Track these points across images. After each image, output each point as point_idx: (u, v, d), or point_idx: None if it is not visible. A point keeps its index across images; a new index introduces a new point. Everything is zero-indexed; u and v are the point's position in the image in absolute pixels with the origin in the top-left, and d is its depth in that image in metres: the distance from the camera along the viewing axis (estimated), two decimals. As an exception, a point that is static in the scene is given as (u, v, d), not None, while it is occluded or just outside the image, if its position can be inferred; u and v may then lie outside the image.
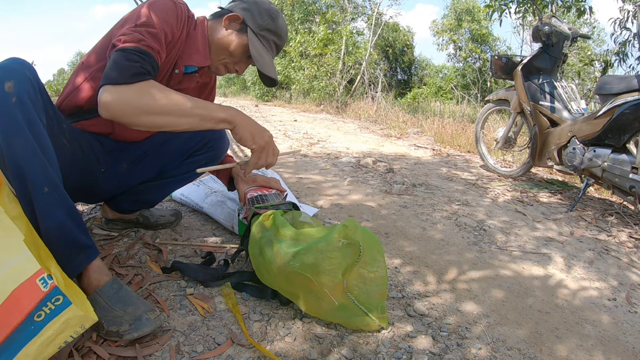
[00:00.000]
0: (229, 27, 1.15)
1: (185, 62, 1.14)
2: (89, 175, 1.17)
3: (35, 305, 0.69)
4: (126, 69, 0.92)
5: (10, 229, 0.72)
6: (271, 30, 1.17)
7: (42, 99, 0.88)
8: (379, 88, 8.45)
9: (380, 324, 0.98)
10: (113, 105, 0.91)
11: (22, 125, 0.81)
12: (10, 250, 0.71)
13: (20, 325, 0.68)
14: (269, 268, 1.00)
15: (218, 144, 1.39)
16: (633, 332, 1.13)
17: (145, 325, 0.86)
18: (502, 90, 2.88)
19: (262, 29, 1.15)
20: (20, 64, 0.85)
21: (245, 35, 1.14)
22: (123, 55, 0.93)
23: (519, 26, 8.23)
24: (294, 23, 11.82)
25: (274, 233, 1.03)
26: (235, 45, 1.15)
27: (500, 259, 1.51)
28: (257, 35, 1.15)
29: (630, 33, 5.09)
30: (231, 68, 1.20)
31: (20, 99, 0.81)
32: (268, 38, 1.17)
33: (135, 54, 0.94)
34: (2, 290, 0.68)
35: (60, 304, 0.71)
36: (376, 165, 2.96)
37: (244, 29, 1.14)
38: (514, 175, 2.79)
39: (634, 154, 1.91)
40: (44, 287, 0.70)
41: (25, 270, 0.70)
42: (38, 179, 0.82)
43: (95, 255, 0.93)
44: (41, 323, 0.70)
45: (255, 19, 1.14)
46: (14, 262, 0.70)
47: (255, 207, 1.20)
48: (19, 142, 0.80)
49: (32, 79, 0.85)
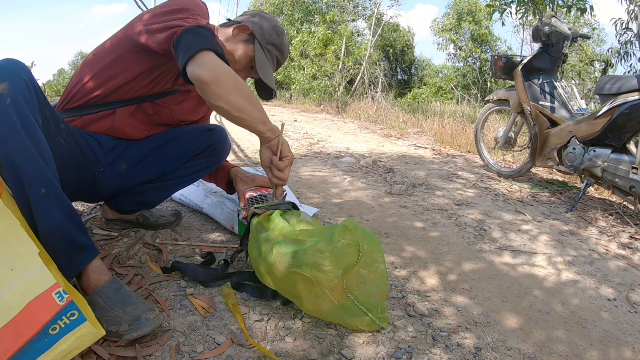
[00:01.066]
0: (237, 35, 1.21)
1: None
2: (88, 175, 1.17)
3: (51, 318, 0.71)
4: (206, 39, 0.97)
5: (26, 242, 0.75)
6: (276, 45, 1.24)
7: (38, 99, 0.88)
8: (379, 88, 8.45)
9: (380, 324, 0.98)
10: (210, 66, 0.94)
11: (18, 126, 0.81)
12: (27, 263, 0.73)
13: (35, 337, 0.69)
14: (269, 269, 1.00)
15: (220, 147, 1.39)
16: (633, 332, 1.13)
17: (144, 325, 0.86)
18: (502, 90, 2.88)
19: (268, 42, 1.22)
20: (15, 65, 0.84)
21: (251, 46, 1.21)
22: (192, 34, 0.97)
23: (519, 26, 8.23)
24: (294, 23, 11.82)
25: (273, 233, 1.03)
26: (240, 54, 1.21)
27: (500, 259, 1.51)
28: (263, 47, 1.22)
29: (633, 33, 5.10)
30: None
31: (14, 100, 0.81)
32: (272, 52, 1.24)
33: (202, 29, 0.99)
34: (18, 301, 0.69)
35: (75, 319, 0.73)
36: (376, 165, 2.96)
37: (252, 40, 1.21)
38: (514, 175, 2.79)
39: (634, 154, 1.91)
40: (59, 301, 0.72)
41: (42, 283, 0.72)
42: (35, 179, 0.82)
43: (95, 255, 0.93)
44: (55, 336, 0.71)
45: (263, 33, 1.22)
46: (30, 275, 0.72)
47: (255, 207, 1.20)
48: (15, 143, 0.80)
49: (27, 79, 0.85)
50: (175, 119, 1.30)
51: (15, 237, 0.74)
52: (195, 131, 1.34)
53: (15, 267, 0.71)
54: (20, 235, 0.75)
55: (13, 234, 0.74)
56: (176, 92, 1.24)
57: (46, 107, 0.94)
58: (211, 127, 1.39)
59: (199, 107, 1.37)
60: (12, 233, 0.74)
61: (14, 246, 0.74)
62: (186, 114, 1.33)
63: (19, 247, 0.74)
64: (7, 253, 0.72)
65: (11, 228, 0.75)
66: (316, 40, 10.23)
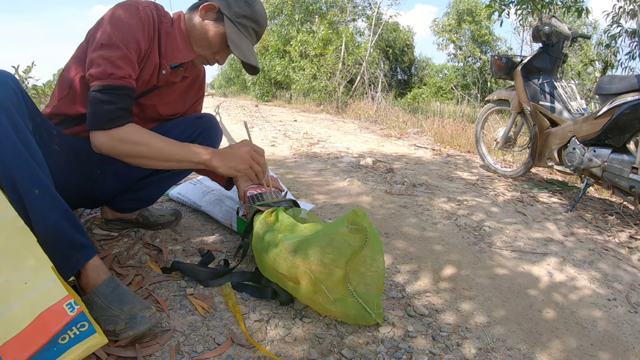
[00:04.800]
0: (205, 17, 1.14)
1: (170, 62, 1.15)
2: (86, 179, 1.17)
3: (61, 328, 0.73)
4: (104, 114, 1.01)
5: (41, 256, 0.78)
6: (248, 16, 1.15)
7: (27, 106, 0.90)
8: (379, 88, 8.44)
9: (376, 319, 0.98)
10: (102, 149, 1.04)
11: (8, 129, 0.81)
12: (41, 276, 0.76)
13: (45, 346, 0.71)
14: (273, 262, 1.01)
15: (211, 133, 1.39)
16: (633, 332, 1.13)
17: (140, 324, 0.86)
18: (502, 90, 2.88)
19: (239, 16, 1.14)
20: (3, 74, 0.86)
21: (222, 24, 1.13)
22: (99, 98, 1.00)
23: (519, 26, 8.23)
24: (294, 23, 11.82)
25: (278, 228, 1.06)
26: (212, 35, 1.14)
27: (500, 259, 1.51)
28: (235, 22, 1.14)
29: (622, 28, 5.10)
30: (211, 59, 1.20)
31: (4, 106, 0.82)
32: (246, 25, 1.16)
33: (110, 93, 1.01)
34: (32, 311, 0.72)
35: (85, 331, 0.74)
36: (376, 165, 2.96)
37: (221, 17, 1.13)
38: (514, 175, 2.79)
39: (634, 154, 1.91)
40: (70, 312, 0.74)
41: (53, 296, 0.75)
42: (28, 181, 0.83)
43: (93, 254, 0.93)
44: (64, 346, 0.72)
45: (231, 7, 1.13)
46: (44, 287, 0.75)
47: (258, 205, 1.22)
48: (6, 146, 0.81)
49: (15, 88, 0.86)
50: (161, 114, 1.29)
51: (30, 254, 0.77)
52: (185, 121, 1.35)
53: (28, 280, 0.74)
54: (35, 251, 0.78)
55: (29, 250, 0.77)
56: (157, 88, 1.22)
57: (36, 114, 0.96)
58: (200, 115, 1.39)
59: (183, 98, 1.35)
60: (28, 250, 0.77)
61: (28, 262, 0.76)
62: (171, 108, 1.32)
63: (34, 262, 0.77)
64: (21, 268, 0.75)
65: (28, 245, 0.78)
66: (316, 41, 10.22)
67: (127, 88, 1.04)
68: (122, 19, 1.03)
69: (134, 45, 1.04)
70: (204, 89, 1.45)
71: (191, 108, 1.41)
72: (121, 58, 1.02)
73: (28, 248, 0.77)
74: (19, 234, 0.77)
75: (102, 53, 1.00)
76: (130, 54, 1.04)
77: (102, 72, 1.00)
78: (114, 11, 1.04)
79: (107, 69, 1.00)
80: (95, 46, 1.02)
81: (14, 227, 0.77)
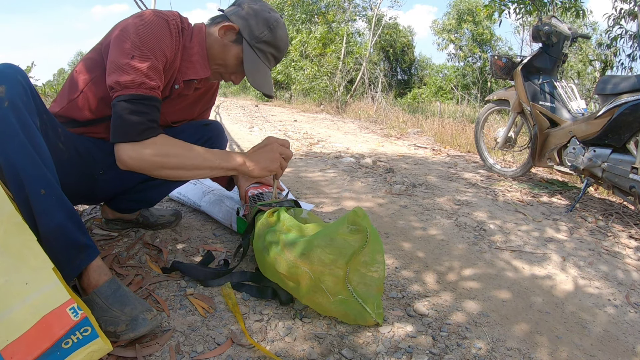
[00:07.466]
0: (224, 37, 1.11)
1: (184, 77, 1.13)
2: (88, 178, 1.17)
3: (65, 333, 0.72)
4: (134, 126, 0.96)
5: (41, 256, 0.77)
6: (269, 42, 1.12)
7: (35, 103, 0.89)
8: (379, 88, 8.45)
9: (376, 319, 0.98)
10: (130, 163, 0.98)
11: (16, 128, 0.81)
12: (43, 277, 0.75)
13: (48, 350, 0.71)
14: (273, 262, 1.01)
15: (217, 141, 1.39)
16: (633, 332, 1.13)
17: (141, 326, 0.86)
18: (502, 90, 2.88)
19: (259, 41, 1.11)
20: (12, 69, 0.85)
21: (240, 47, 1.11)
22: (128, 108, 0.95)
23: (519, 26, 8.24)
24: (295, 23, 11.82)
25: (280, 228, 1.06)
26: (229, 57, 1.12)
27: (500, 259, 1.51)
28: (254, 47, 1.11)
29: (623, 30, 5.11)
30: (226, 77, 1.19)
31: (12, 103, 0.81)
32: (265, 51, 1.13)
33: (140, 103, 0.96)
34: (35, 313, 0.72)
35: (88, 335, 0.74)
36: (376, 165, 2.96)
37: (240, 39, 1.11)
38: (514, 175, 2.79)
39: (634, 154, 1.91)
40: (74, 316, 0.74)
41: (56, 299, 0.74)
42: (34, 180, 0.82)
43: (95, 255, 0.93)
44: (67, 350, 0.72)
45: (252, 31, 1.10)
46: (46, 289, 0.74)
47: (259, 205, 1.22)
48: (14, 145, 0.80)
49: (24, 83, 0.85)
50: (167, 121, 1.28)
51: (30, 252, 0.77)
52: (192, 127, 1.34)
53: (29, 281, 0.74)
54: (35, 250, 0.77)
55: (29, 249, 0.77)
56: (168, 98, 1.19)
57: (43, 110, 0.94)
58: (207, 122, 1.39)
59: (193, 107, 1.35)
60: (28, 249, 0.76)
61: (29, 261, 0.76)
62: (179, 116, 1.31)
63: (34, 261, 0.76)
64: (22, 267, 0.74)
65: (27, 243, 0.77)
66: (316, 41, 10.22)
67: (156, 99, 1.00)
68: (152, 30, 1.00)
69: (162, 57, 1.02)
70: (215, 99, 1.44)
71: (199, 115, 1.41)
72: (151, 68, 0.98)
73: (28, 247, 0.77)
74: (17, 231, 0.77)
75: (131, 62, 0.96)
76: (159, 66, 1.01)
77: (132, 80, 0.96)
78: (142, 21, 1.01)
79: (138, 78, 0.96)
80: (122, 53, 0.97)
81: (12, 222, 0.77)
